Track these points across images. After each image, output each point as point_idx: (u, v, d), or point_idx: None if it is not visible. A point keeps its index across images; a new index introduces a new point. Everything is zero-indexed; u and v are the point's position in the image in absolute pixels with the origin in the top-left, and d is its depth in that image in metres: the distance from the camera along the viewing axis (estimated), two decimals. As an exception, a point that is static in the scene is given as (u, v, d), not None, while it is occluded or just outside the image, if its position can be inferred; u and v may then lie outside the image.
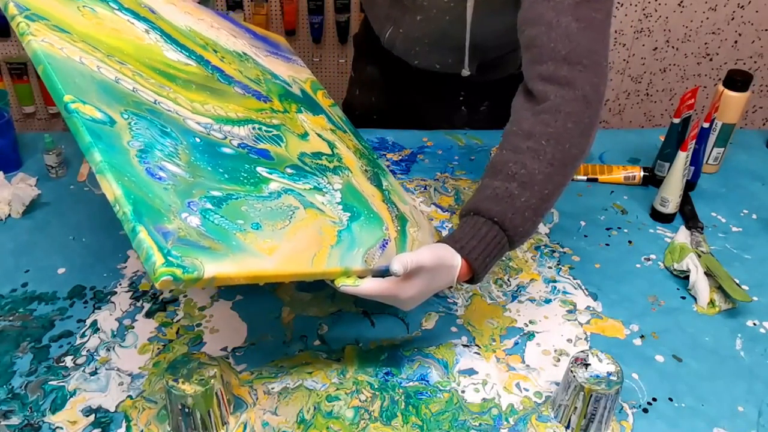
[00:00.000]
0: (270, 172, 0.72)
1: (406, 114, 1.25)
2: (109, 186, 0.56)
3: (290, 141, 0.81)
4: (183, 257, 0.54)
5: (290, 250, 0.64)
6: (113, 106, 0.63)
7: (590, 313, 0.84)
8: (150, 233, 0.54)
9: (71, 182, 1.05)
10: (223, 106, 0.76)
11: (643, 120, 2.32)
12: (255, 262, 0.60)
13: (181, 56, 0.79)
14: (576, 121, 0.74)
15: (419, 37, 1.06)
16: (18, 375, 0.74)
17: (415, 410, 0.71)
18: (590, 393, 0.66)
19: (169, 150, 0.64)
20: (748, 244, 0.97)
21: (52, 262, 0.89)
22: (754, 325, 0.83)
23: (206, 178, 0.64)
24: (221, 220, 0.61)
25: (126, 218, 0.55)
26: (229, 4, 2.00)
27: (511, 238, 0.73)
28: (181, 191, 0.60)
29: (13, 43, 2.04)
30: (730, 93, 1.05)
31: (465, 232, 0.73)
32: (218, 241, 0.58)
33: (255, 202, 0.66)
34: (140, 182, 0.58)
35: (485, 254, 0.72)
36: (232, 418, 0.70)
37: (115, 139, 0.59)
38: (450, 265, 0.71)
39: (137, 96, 0.67)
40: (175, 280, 0.53)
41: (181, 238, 0.56)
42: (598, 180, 1.09)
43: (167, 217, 0.56)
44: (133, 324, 0.81)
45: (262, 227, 0.64)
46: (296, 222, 0.68)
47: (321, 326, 0.81)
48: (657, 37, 2.14)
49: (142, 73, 0.70)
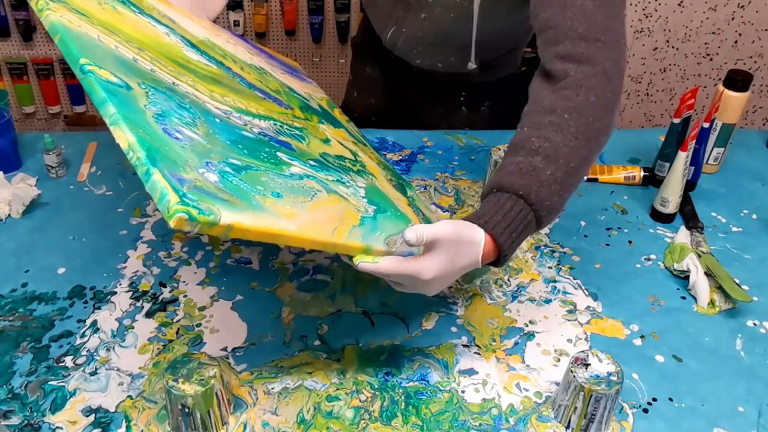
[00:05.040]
0: (291, 158, 0.70)
1: (405, 115, 1.25)
2: (123, 134, 0.53)
3: (312, 141, 0.80)
4: (199, 201, 0.52)
5: (311, 219, 0.62)
6: (130, 77, 0.61)
7: (590, 313, 0.84)
8: (165, 176, 0.52)
9: (71, 182, 1.05)
10: (244, 102, 0.75)
11: (643, 120, 2.32)
12: (274, 221, 0.57)
13: (201, 58, 0.78)
14: (598, 95, 0.72)
15: (422, 36, 1.06)
16: (18, 375, 0.74)
17: (415, 410, 0.71)
18: (590, 393, 0.66)
19: (186, 120, 0.62)
20: (748, 244, 0.97)
21: (52, 262, 0.89)
22: (754, 325, 0.83)
23: (225, 149, 0.62)
24: (240, 182, 0.58)
25: (140, 162, 0.52)
26: (229, 4, 2.00)
27: (537, 213, 0.70)
28: (199, 152, 0.58)
29: (13, 43, 2.04)
30: (730, 93, 1.05)
31: (487, 209, 0.70)
32: (237, 197, 0.56)
33: (275, 177, 0.64)
34: (156, 136, 0.55)
35: (510, 229, 0.68)
36: (232, 418, 0.70)
37: (132, 100, 0.58)
38: (471, 240, 0.67)
39: (155, 75, 0.65)
40: (190, 219, 0.50)
41: (198, 187, 0.53)
42: (598, 180, 1.09)
43: (183, 168, 0.54)
44: (133, 324, 0.81)
45: (282, 196, 0.61)
46: (318, 200, 0.65)
47: (321, 326, 0.81)
48: (657, 37, 2.14)
49: (161, 60, 0.69)
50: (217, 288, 0.87)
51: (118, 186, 1.05)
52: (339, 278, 0.88)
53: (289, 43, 2.10)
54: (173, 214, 0.50)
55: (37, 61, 2.06)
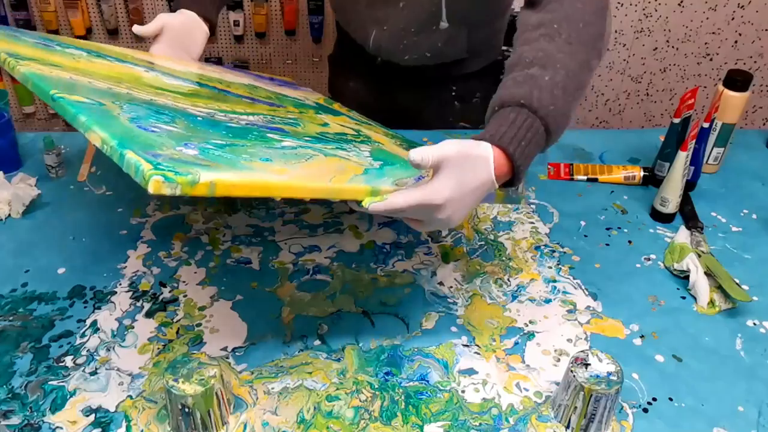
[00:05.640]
0: (283, 137, 0.67)
1: (397, 118, 1.24)
2: (96, 134, 0.52)
3: (308, 126, 0.77)
4: (176, 167, 0.50)
5: (304, 173, 0.59)
6: (104, 98, 0.61)
7: (590, 313, 0.84)
8: (138, 153, 0.50)
9: (71, 182, 1.05)
10: (230, 106, 0.74)
11: (643, 120, 2.32)
12: (262, 175, 0.55)
13: (183, 83, 0.78)
14: (584, 2, 0.70)
15: (405, 27, 1.05)
16: (18, 375, 0.74)
17: (415, 410, 0.71)
18: (590, 393, 0.66)
19: (164, 119, 0.60)
20: (748, 244, 0.97)
21: (52, 262, 0.89)
22: (754, 325, 0.83)
23: (207, 134, 0.60)
24: (223, 153, 0.56)
25: (113, 149, 0.51)
26: (229, 4, 2.00)
27: (543, 119, 0.67)
28: (177, 137, 0.56)
29: (13, 43, 2.04)
30: (730, 93, 1.05)
31: (491, 125, 0.67)
32: (217, 162, 0.54)
33: (264, 148, 0.61)
34: (130, 131, 0.54)
35: (518, 138, 0.65)
36: (232, 418, 0.70)
37: (103, 112, 0.57)
38: (479, 155, 0.64)
39: (131, 95, 0.65)
40: (167, 180, 0.48)
41: (174, 159, 0.52)
42: (598, 180, 1.09)
43: (159, 148, 0.52)
44: (133, 324, 0.81)
45: (272, 160, 0.59)
46: (314, 161, 0.62)
47: (321, 326, 0.81)
48: (657, 37, 2.14)
49: (138, 87, 0.69)
50: (217, 288, 0.87)
51: (118, 186, 1.05)
52: (339, 278, 0.88)
53: (289, 43, 2.10)
54: (149, 178, 0.48)
55: (37, 61, 2.05)
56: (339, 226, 0.98)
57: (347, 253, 0.93)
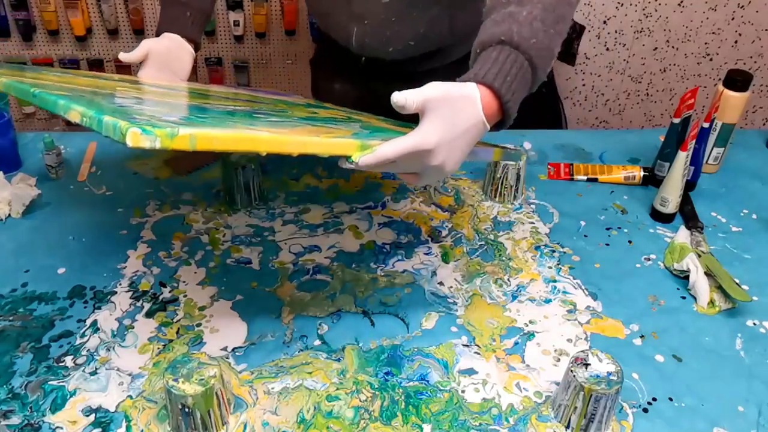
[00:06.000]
0: (269, 117, 0.68)
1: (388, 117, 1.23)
2: (75, 111, 0.52)
3: (295, 112, 0.79)
4: (153, 123, 0.50)
5: (291, 132, 0.58)
6: (87, 96, 0.62)
7: (590, 313, 0.84)
8: (114, 117, 0.50)
9: (71, 182, 1.05)
10: (215, 101, 0.76)
11: (643, 120, 2.32)
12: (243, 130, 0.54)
13: (167, 90, 0.81)
14: None
15: (385, 17, 1.03)
16: (18, 375, 0.74)
17: (415, 410, 0.71)
18: (590, 393, 0.66)
19: (147, 105, 0.62)
20: (748, 244, 0.97)
21: (52, 262, 0.89)
22: (754, 325, 0.83)
23: (189, 113, 0.61)
24: (205, 120, 0.56)
25: (92, 119, 0.50)
26: (229, 4, 2.00)
27: (526, 53, 0.66)
28: (156, 111, 0.57)
29: (13, 43, 2.04)
30: (730, 93, 1.05)
31: (475, 66, 0.67)
32: (198, 124, 0.53)
33: (249, 120, 0.61)
34: (108, 108, 0.54)
35: (503, 74, 0.65)
36: (232, 418, 0.70)
37: (86, 98, 0.58)
38: (465, 95, 0.64)
39: (114, 94, 0.67)
40: (144, 132, 0.47)
41: (153, 121, 0.51)
42: (598, 180, 1.09)
43: (137, 114, 0.52)
44: (133, 324, 0.81)
45: (256, 126, 0.58)
46: (299, 128, 0.62)
47: (321, 326, 0.81)
48: (657, 37, 2.14)
49: (123, 91, 0.71)
50: (217, 288, 0.87)
51: (118, 186, 1.05)
52: (339, 278, 0.88)
53: (289, 43, 2.10)
54: (126, 131, 0.47)
55: (37, 62, 2.05)
56: (339, 226, 0.98)
57: (347, 253, 0.93)
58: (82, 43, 2.04)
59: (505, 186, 1.02)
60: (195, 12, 1.02)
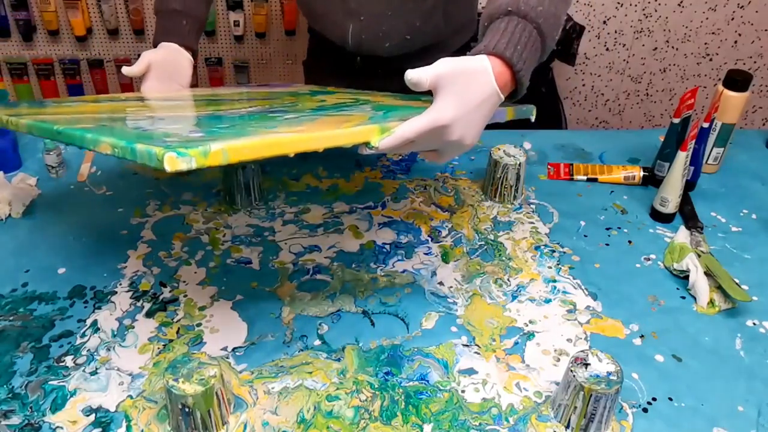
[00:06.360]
0: (284, 115, 0.70)
1: None
2: (105, 143, 0.54)
3: (307, 105, 0.80)
4: (185, 145, 0.52)
5: (311, 127, 0.60)
6: (107, 123, 0.65)
7: (590, 313, 0.84)
8: (146, 144, 0.52)
9: (71, 182, 1.05)
10: (230, 106, 0.78)
11: (643, 120, 2.32)
12: (269, 135, 0.56)
13: (177, 102, 0.83)
14: None
15: (381, 11, 1.03)
16: (18, 375, 0.74)
17: (415, 410, 0.71)
18: (590, 393, 0.66)
19: (166, 122, 0.64)
20: (748, 244, 0.97)
21: (52, 262, 0.90)
22: (754, 325, 0.83)
23: (209, 124, 0.63)
24: (227, 131, 0.58)
25: (124, 148, 0.52)
26: (229, 4, 2.00)
27: (534, 21, 0.67)
28: (181, 129, 0.59)
29: (14, 43, 2.04)
30: (730, 93, 1.05)
31: (484, 39, 0.68)
32: (222, 136, 0.55)
33: (267, 122, 0.63)
34: (135, 134, 0.56)
35: (513, 43, 0.66)
36: (232, 418, 0.70)
37: (109, 128, 0.59)
38: (476, 67, 0.64)
39: (131, 113, 0.70)
40: (180, 155, 0.50)
41: (183, 141, 0.53)
42: (597, 180, 1.09)
43: (165, 137, 0.54)
44: (133, 324, 0.81)
45: (276, 128, 0.61)
46: (317, 120, 0.64)
47: (321, 326, 0.81)
48: (657, 37, 2.14)
49: (137, 111, 0.73)
50: (217, 288, 0.87)
51: (118, 186, 1.05)
52: (339, 278, 0.88)
53: (289, 43, 2.10)
54: (162, 156, 0.49)
55: (37, 62, 2.06)
56: (339, 226, 0.98)
57: (347, 253, 0.93)
58: (82, 43, 2.04)
59: (505, 186, 1.02)
60: (192, 20, 1.02)
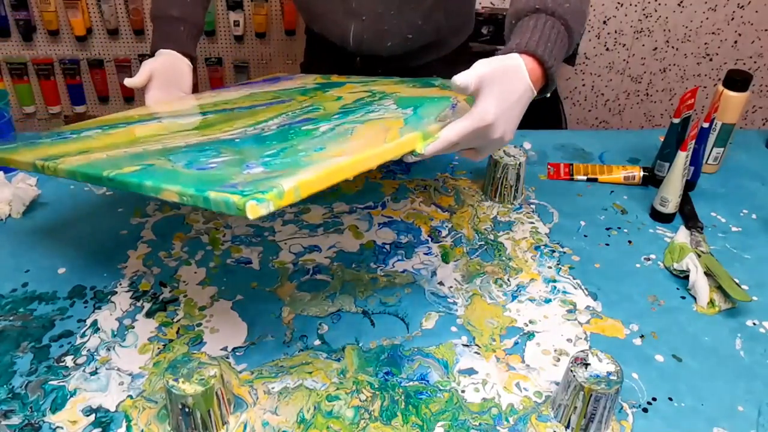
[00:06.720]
0: (315, 124, 0.72)
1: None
2: (169, 190, 0.56)
3: (327, 105, 0.82)
4: (258, 187, 0.54)
5: (359, 145, 0.63)
6: (148, 159, 0.66)
7: (590, 313, 0.84)
8: (218, 191, 0.54)
9: (71, 182, 1.05)
10: (251, 119, 0.80)
11: (643, 120, 2.32)
12: (327, 164, 0.59)
13: (198, 118, 0.83)
14: None
15: (383, 11, 1.03)
16: (18, 375, 0.74)
17: (415, 410, 0.71)
18: (590, 393, 0.66)
19: (212, 154, 0.65)
20: (748, 244, 0.97)
21: (52, 262, 0.90)
22: (754, 325, 0.83)
23: (256, 150, 0.64)
24: (282, 160, 0.61)
25: (194, 197, 0.55)
26: (229, 4, 2.00)
27: (561, 18, 0.71)
28: (235, 163, 0.61)
29: (14, 43, 2.04)
30: (730, 93, 1.05)
31: (514, 36, 0.71)
32: (285, 169, 0.58)
33: (310, 140, 0.66)
34: (193, 177, 0.58)
35: (544, 41, 0.69)
36: (232, 418, 0.70)
37: (159, 170, 0.61)
38: (512, 66, 0.68)
39: (166, 147, 0.70)
40: (259, 202, 0.52)
41: (250, 182, 0.56)
42: (597, 180, 1.09)
43: (227, 179, 0.57)
44: (134, 324, 0.81)
45: (324, 147, 0.63)
46: (356, 133, 0.67)
47: (321, 326, 0.81)
48: (657, 37, 2.14)
49: (165, 138, 0.74)
50: (217, 288, 0.87)
51: (118, 186, 1.05)
52: (339, 278, 0.88)
53: (289, 43, 2.10)
54: (243, 207, 0.52)
55: (37, 62, 2.06)
56: (339, 226, 0.98)
57: (347, 253, 0.93)
58: (82, 43, 2.04)
59: (505, 186, 1.02)
60: (190, 26, 1.02)
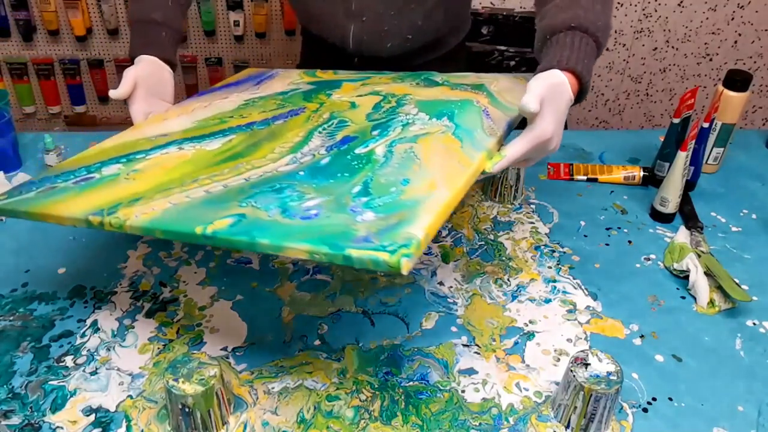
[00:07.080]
0: (365, 145, 0.75)
1: None
2: (294, 249, 0.58)
3: (350, 117, 0.84)
4: (394, 239, 0.57)
5: (442, 174, 0.68)
6: (228, 206, 0.65)
7: (590, 313, 0.84)
8: (357, 248, 0.56)
9: (71, 182, 1.05)
10: (285, 140, 0.79)
11: (643, 120, 2.32)
12: (434, 201, 0.63)
13: (220, 141, 0.82)
14: None
15: (384, 12, 1.03)
16: (18, 375, 0.74)
17: (415, 410, 0.71)
18: (590, 393, 0.66)
19: (294, 196, 0.66)
20: (748, 244, 0.97)
21: (52, 262, 0.90)
22: (754, 325, 0.83)
23: (337, 187, 0.67)
24: (381, 200, 0.64)
25: (331, 256, 0.57)
26: (229, 4, 2.00)
27: (593, 35, 0.77)
28: (335, 209, 0.63)
29: (14, 43, 2.04)
30: (730, 93, 1.05)
31: (553, 52, 0.77)
32: (397, 212, 0.61)
33: (381, 169, 0.70)
34: (308, 229, 0.60)
35: (581, 57, 0.76)
36: (232, 418, 0.70)
37: (258, 224, 0.62)
38: (559, 82, 0.74)
39: (230, 187, 0.69)
40: (408, 257, 0.55)
41: (376, 232, 0.58)
42: (598, 180, 1.09)
43: (352, 231, 0.59)
44: (134, 324, 0.81)
45: (410, 180, 0.67)
46: (422, 156, 0.71)
47: (321, 326, 0.81)
48: (657, 37, 2.14)
49: (215, 172, 0.73)
50: (217, 288, 0.87)
51: (118, 186, 1.05)
52: (339, 278, 0.88)
53: (289, 43, 2.10)
54: (399, 265, 0.54)
55: (37, 62, 2.06)
56: (339, 226, 0.98)
57: (347, 253, 0.93)
58: (82, 43, 2.04)
59: (505, 186, 1.02)
60: (171, 32, 0.99)
